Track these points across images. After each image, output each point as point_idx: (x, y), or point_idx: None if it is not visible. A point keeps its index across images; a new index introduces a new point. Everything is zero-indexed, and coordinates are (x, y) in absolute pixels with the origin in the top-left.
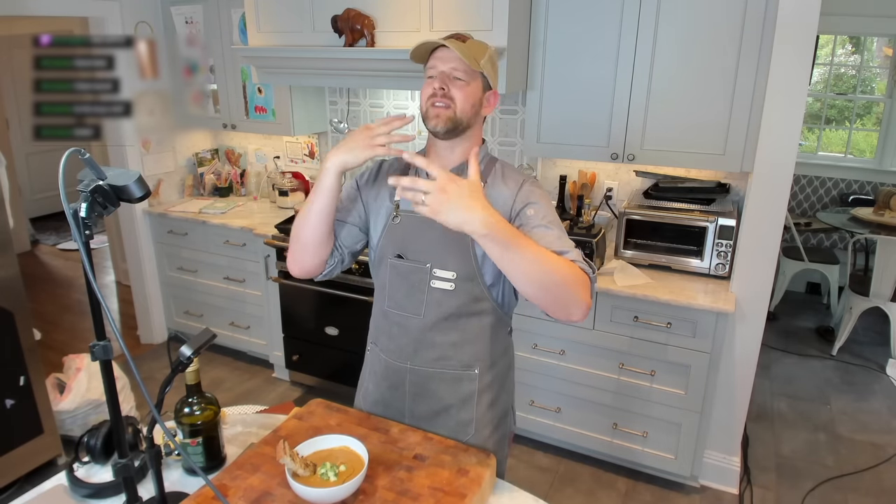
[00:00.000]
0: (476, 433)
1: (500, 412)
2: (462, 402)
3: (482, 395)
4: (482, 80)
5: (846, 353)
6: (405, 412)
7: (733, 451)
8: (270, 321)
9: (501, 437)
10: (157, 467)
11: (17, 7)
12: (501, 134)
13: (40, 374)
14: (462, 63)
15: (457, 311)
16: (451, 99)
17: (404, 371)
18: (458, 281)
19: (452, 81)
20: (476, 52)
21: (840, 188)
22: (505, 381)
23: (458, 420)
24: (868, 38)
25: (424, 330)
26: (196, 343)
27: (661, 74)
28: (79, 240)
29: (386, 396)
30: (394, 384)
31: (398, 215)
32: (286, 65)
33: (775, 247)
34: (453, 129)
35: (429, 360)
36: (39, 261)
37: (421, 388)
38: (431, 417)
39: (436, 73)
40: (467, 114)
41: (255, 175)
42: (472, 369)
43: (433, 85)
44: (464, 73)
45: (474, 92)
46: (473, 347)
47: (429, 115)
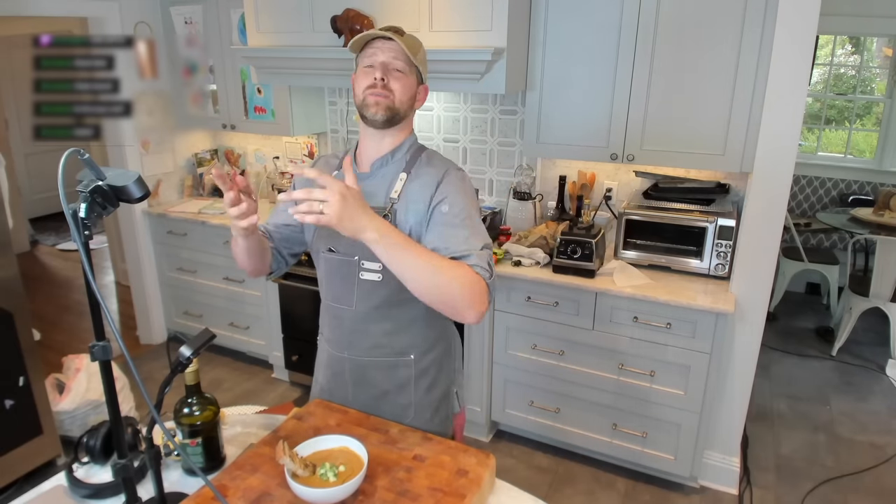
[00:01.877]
0: (416, 416)
1: (440, 394)
2: (399, 388)
3: (419, 380)
4: (417, 73)
5: (846, 354)
6: (349, 398)
7: (733, 451)
8: (270, 321)
9: (444, 419)
10: (157, 468)
11: (17, 7)
12: (501, 134)
13: (40, 375)
14: (401, 55)
15: (387, 300)
16: (390, 90)
17: (344, 360)
18: (385, 272)
19: (391, 72)
20: (412, 46)
21: (840, 188)
22: (443, 364)
23: (397, 404)
24: (868, 39)
25: (357, 320)
26: (195, 343)
27: (660, 74)
28: (78, 240)
29: (331, 384)
30: (336, 373)
31: None
32: (285, 65)
33: (775, 247)
34: (391, 119)
35: (364, 349)
36: (39, 261)
37: (359, 376)
38: (372, 403)
39: (375, 63)
40: (404, 105)
41: (254, 175)
42: (408, 356)
43: (373, 75)
44: (403, 65)
45: (411, 83)
46: (407, 335)
47: (367, 104)
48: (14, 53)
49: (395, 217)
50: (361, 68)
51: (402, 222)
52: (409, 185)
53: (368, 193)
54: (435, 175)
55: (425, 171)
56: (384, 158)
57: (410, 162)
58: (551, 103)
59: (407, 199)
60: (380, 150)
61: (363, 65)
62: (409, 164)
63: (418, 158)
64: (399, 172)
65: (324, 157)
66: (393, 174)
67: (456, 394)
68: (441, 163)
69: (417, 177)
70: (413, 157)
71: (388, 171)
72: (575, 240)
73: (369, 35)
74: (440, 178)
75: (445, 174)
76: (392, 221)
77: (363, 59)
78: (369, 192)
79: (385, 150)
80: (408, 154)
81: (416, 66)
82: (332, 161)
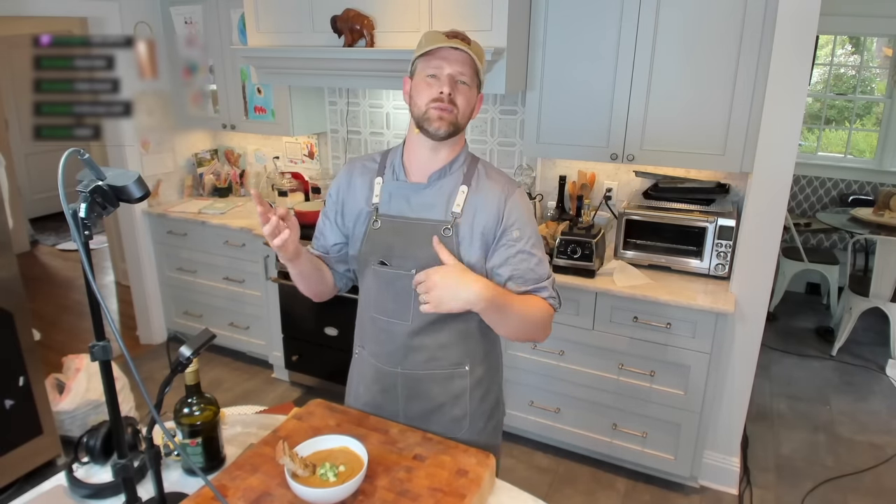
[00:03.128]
0: (470, 426)
1: (493, 402)
2: (455, 399)
3: (474, 390)
4: (478, 84)
5: (846, 354)
6: (399, 413)
7: (733, 451)
8: (270, 321)
9: (496, 426)
10: (157, 468)
11: (17, 7)
12: (501, 134)
13: (40, 375)
14: (469, 68)
15: (443, 315)
16: (455, 104)
17: (395, 375)
18: None
19: (457, 86)
20: (479, 56)
21: (840, 188)
22: (496, 372)
23: (452, 416)
24: (868, 39)
25: (412, 335)
26: (195, 343)
27: (660, 74)
28: (78, 240)
29: (378, 399)
30: (385, 387)
31: (378, 220)
32: (285, 65)
33: (775, 247)
34: (453, 133)
35: (419, 362)
36: (39, 261)
37: (413, 390)
38: (425, 416)
39: (441, 76)
40: (465, 119)
41: (254, 175)
42: (463, 366)
43: (440, 88)
44: (469, 78)
45: (473, 97)
46: (462, 346)
47: (430, 118)
48: (14, 53)
49: (457, 230)
50: (423, 77)
51: (465, 235)
52: (471, 198)
53: (427, 205)
54: (499, 192)
55: (486, 185)
56: (442, 170)
57: (468, 174)
58: (551, 103)
59: (471, 213)
60: (437, 162)
61: (426, 73)
62: (467, 175)
63: (475, 170)
64: (458, 185)
65: (360, 161)
66: (452, 186)
67: (502, 397)
68: (500, 177)
69: (479, 190)
70: (470, 168)
71: (447, 182)
72: (575, 240)
73: (439, 42)
74: (505, 195)
75: (510, 194)
76: (455, 234)
77: (426, 66)
78: (428, 204)
79: (443, 162)
80: (464, 165)
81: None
82: (369, 165)
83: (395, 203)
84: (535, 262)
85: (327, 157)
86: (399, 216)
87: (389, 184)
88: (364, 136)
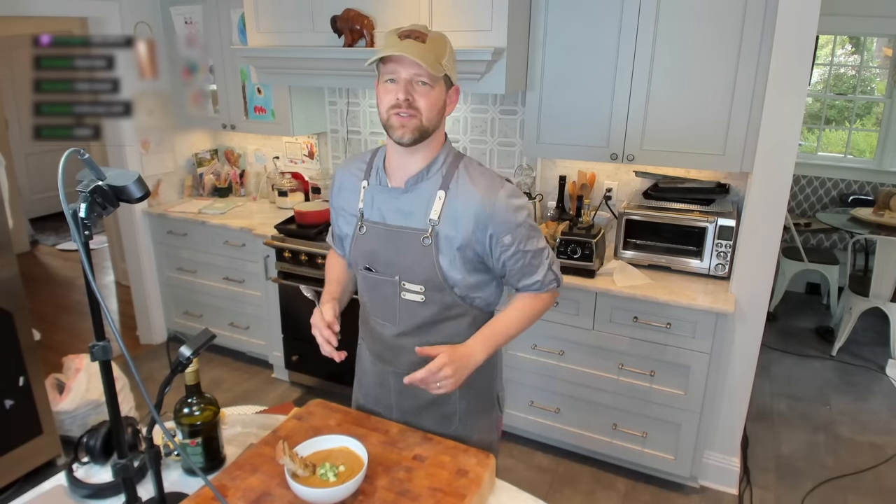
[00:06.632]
0: (461, 423)
1: (486, 401)
2: (444, 398)
3: (463, 391)
4: (445, 79)
5: (846, 354)
6: (393, 406)
7: (733, 451)
8: (270, 321)
9: (491, 425)
10: (157, 468)
11: (17, 7)
12: (501, 134)
13: (40, 375)
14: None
15: (430, 319)
16: (417, 109)
17: (387, 372)
18: (427, 293)
19: (415, 88)
20: (438, 51)
21: (840, 188)
22: (490, 371)
23: (442, 413)
24: (868, 39)
25: (400, 336)
26: (195, 343)
27: (660, 74)
28: (78, 240)
29: (375, 391)
30: (380, 381)
31: (363, 225)
32: (285, 65)
33: (775, 247)
34: (420, 138)
35: (408, 362)
36: (39, 261)
37: (404, 386)
38: (417, 411)
39: (398, 79)
40: (433, 121)
41: (254, 175)
42: None
43: (396, 94)
44: (428, 77)
45: (439, 95)
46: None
47: (392, 126)
48: (14, 53)
49: (437, 238)
50: (382, 82)
51: (445, 242)
52: (449, 204)
53: (405, 212)
54: (480, 197)
55: (467, 190)
56: (419, 174)
57: (447, 177)
58: (551, 103)
59: (450, 219)
60: (413, 165)
61: (384, 77)
62: (445, 179)
63: (455, 172)
64: (436, 190)
65: (349, 165)
66: (430, 191)
67: (498, 398)
68: (482, 179)
69: (458, 195)
70: (450, 170)
71: (425, 187)
72: (575, 240)
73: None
74: (487, 201)
75: (493, 197)
76: (435, 243)
77: (384, 70)
78: (406, 210)
79: (419, 166)
80: (444, 168)
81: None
82: (356, 170)
83: (377, 208)
84: (527, 260)
85: (327, 157)
86: (381, 223)
87: (373, 188)
88: (364, 136)
